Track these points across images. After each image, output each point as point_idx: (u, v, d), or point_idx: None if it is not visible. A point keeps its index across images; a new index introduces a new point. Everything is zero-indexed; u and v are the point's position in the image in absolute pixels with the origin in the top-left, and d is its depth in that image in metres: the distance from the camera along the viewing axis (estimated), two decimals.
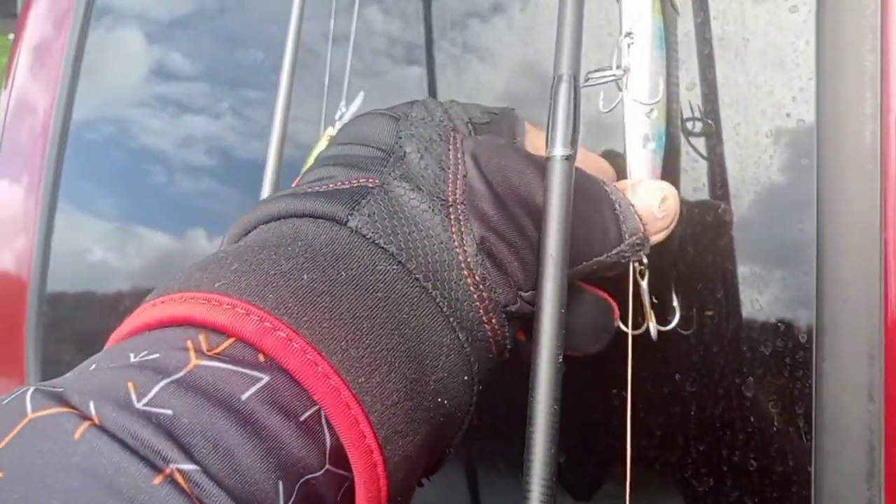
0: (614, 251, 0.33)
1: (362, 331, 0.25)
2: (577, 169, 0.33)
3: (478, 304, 0.29)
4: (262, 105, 0.91)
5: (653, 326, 0.38)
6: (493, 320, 0.29)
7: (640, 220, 0.33)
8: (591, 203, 0.32)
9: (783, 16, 0.38)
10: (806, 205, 0.35)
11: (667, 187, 0.35)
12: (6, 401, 0.22)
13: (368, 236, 0.28)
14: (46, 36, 1.03)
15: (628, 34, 0.37)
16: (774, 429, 0.36)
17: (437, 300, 0.28)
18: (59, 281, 1.04)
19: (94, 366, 0.24)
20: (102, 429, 0.20)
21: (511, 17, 0.53)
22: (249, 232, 0.30)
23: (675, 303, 0.39)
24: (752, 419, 0.37)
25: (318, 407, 0.24)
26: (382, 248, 0.28)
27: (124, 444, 0.20)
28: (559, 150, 0.28)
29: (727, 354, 0.39)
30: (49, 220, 1.00)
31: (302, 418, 0.23)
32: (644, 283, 0.37)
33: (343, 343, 0.25)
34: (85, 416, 0.21)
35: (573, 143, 0.28)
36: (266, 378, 0.23)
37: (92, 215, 1.08)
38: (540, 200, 0.30)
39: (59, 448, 0.20)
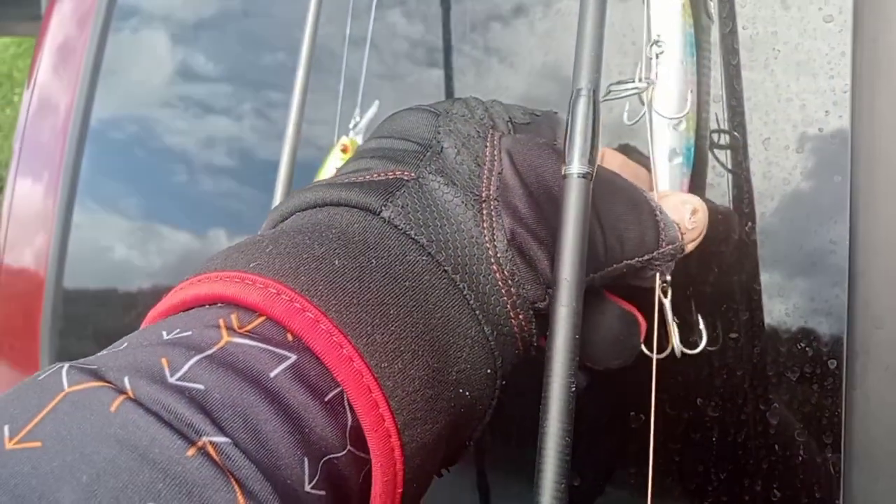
0: (646, 256, 0.32)
1: (388, 317, 0.26)
2: (617, 174, 0.34)
3: (505, 298, 0.29)
4: (285, 107, 0.91)
5: (677, 346, 0.36)
6: (521, 316, 0.29)
7: (680, 230, 0.33)
8: (631, 206, 0.32)
9: (817, 25, 0.36)
10: (838, 225, 0.33)
11: (696, 200, 0.34)
12: (41, 377, 0.22)
13: (400, 227, 0.28)
14: (70, 35, 1.04)
15: (655, 42, 0.36)
16: (800, 459, 0.35)
17: (465, 292, 0.28)
18: (79, 278, 1.05)
19: (126, 344, 0.25)
20: (137, 402, 0.21)
21: (532, 20, 0.52)
22: (287, 218, 0.31)
23: (702, 325, 0.37)
24: (776, 448, 0.36)
25: (342, 388, 0.25)
26: (413, 238, 0.28)
27: (159, 417, 0.21)
28: (576, 168, 0.27)
29: (751, 379, 0.37)
30: (66, 218, 1.01)
31: (327, 398, 0.24)
32: (667, 301, 0.36)
33: (369, 328, 0.25)
34: (120, 391, 0.21)
35: (591, 161, 0.27)
36: (294, 357, 0.24)
37: (115, 213, 1.09)
38: None
39: (96, 420, 0.20)
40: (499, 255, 0.29)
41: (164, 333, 0.24)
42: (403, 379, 0.25)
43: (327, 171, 0.47)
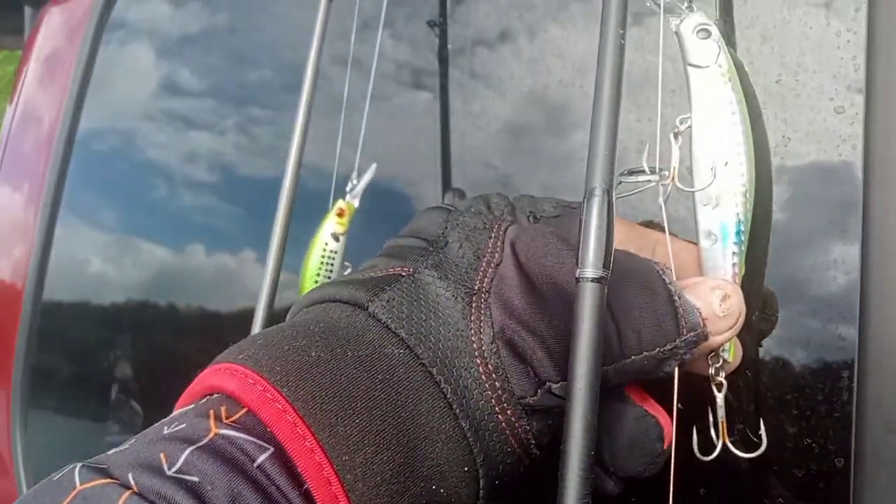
0: (668, 346, 0.30)
1: (355, 410, 0.26)
2: (629, 253, 0.32)
3: (489, 393, 0.28)
4: (268, 123, 0.91)
5: (732, 449, 0.33)
6: (508, 411, 0.29)
7: (701, 315, 0.31)
8: (646, 291, 0.30)
9: (828, 116, 0.35)
10: (849, 330, 0.33)
11: (727, 286, 0.32)
12: (57, 477, 0.25)
13: (383, 320, 0.29)
14: (59, 47, 1.03)
15: (682, 120, 0.33)
16: None
17: (442, 386, 0.28)
18: (55, 290, 1.04)
19: (133, 441, 0.27)
20: (141, 495, 0.23)
21: (518, 47, 0.52)
22: (297, 314, 0.33)
23: (762, 430, 0.34)
24: None
25: None
26: (393, 332, 0.29)
27: None
28: (590, 272, 0.26)
29: (757, 473, 0.36)
30: (49, 230, 1.00)
31: (304, 487, 0.25)
32: (720, 398, 0.33)
33: (333, 419, 0.26)
34: (126, 486, 0.23)
35: (605, 264, 0.26)
36: (272, 449, 0.25)
37: (93, 226, 1.08)
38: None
39: None
40: (483, 348, 0.29)
41: (165, 429, 0.26)
42: (365, 472, 0.26)
43: (323, 234, 0.48)
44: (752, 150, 0.33)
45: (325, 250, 0.48)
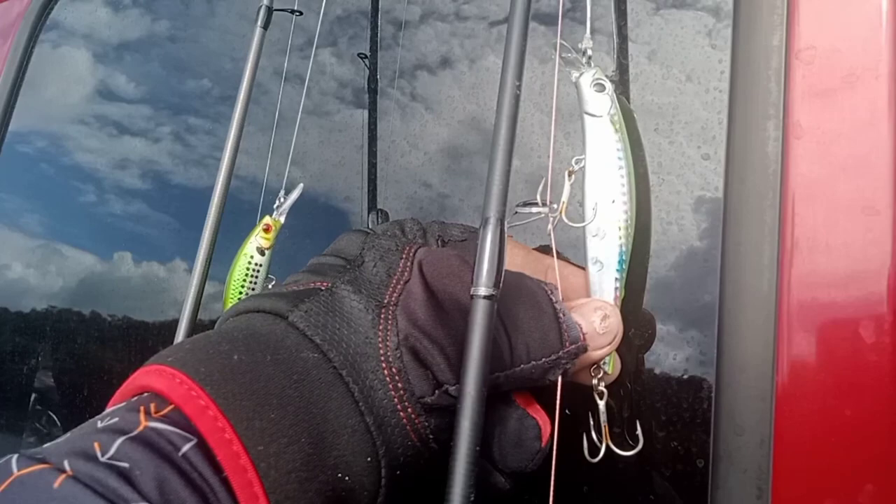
0: (552, 357, 0.34)
1: (270, 406, 0.29)
2: (522, 275, 0.36)
3: (392, 392, 0.32)
4: (204, 133, 0.92)
5: (615, 448, 0.37)
6: (409, 409, 0.32)
7: (582, 331, 0.35)
8: (534, 308, 0.34)
9: (696, 161, 0.40)
10: (709, 346, 0.37)
11: (608, 306, 0.36)
12: None
13: (300, 328, 0.32)
14: None
15: (577, 160, 0.38)
16: None
17: (350, 386, 0.31)
18: None
19: (69, 434, 0.29)
20: (76, 479, 0.25)
21: (458, 73, 0.56)
22: (225, 322, 0.36)
23: (639, 431, 0.38)
24: None
25: None
26: (309, 338, 0.32)
27: (94, 490, 0.25)
28: (482, 291, 0.29)
29: (631, 472, 0.39)
30: None
31: (223, 474, 0.28)
32: (602, 405, 0.38)
33: (250, 413, 0.29)
34: (62, 470, 0.26)
35: (496, 283, 0.30)
36: (195, 440, 0.28)
37: (15, 230, 1.05)
38: None
39: (43, 495, 0.25)
40: (389, 353, 0.32)
41: (99, 423, 0.29)
42: (278, 461, 0.28)
43: (249, 248, 0.50)
44: (635, 190, 0.38)
45: (250, 263, 0.50)
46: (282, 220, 0.51)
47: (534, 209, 0.36)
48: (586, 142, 0.38)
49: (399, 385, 0.32)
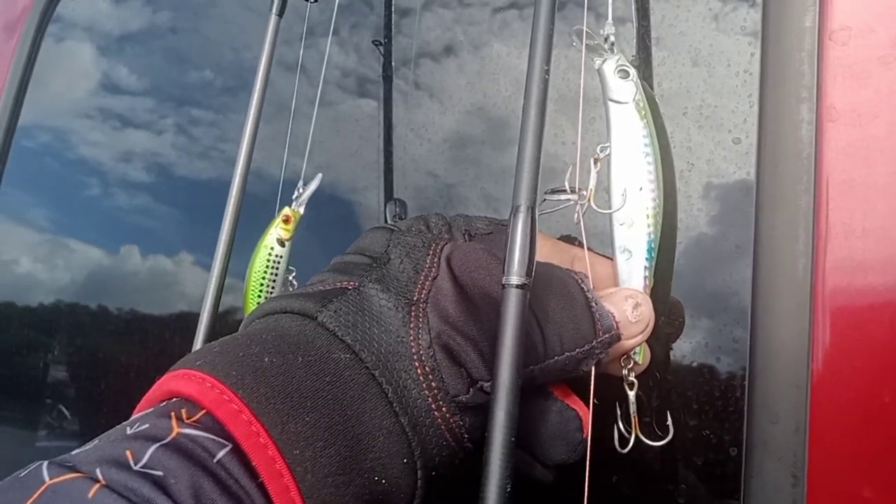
0: (586, 346, 0.34)
1: (305, 408, 0.29)
2: (552, 265, 0.36)
3: (426, 392, 0.31)
4: (208, 125, 0.91)
5: (644, 439, 0.37)
6: (444, 408, 0.31)
7: (615, 320, 0.35)
8: (566, 299, 0.34)
9: (727, 145, 0.39)
10: (742, 333, 0.36)
11: (639, 295, 0.36)
12: (23, 473, 0.26)
13: (330, 328, 0.32)
14: None
15: (602, 148, 0.37)
16: None
17: (384, 386, 0.31)
18: None
19: (96, 441, 0.28)
20: (110, 488, 0.25)
21: (462, 60, 0.55)
22: (249, 325, 0.35)
23: (669, 422, 0.38)
24: None
25: None
26: (340, 339, 0.31)
27: (129, 500, 0.24)
28: (514, 280, 0.29)
29: (663, 461, 0.39)
30: None
31: (260, 479, 0.27)
32: (632, 395, 0.37)
33: (284, 417, 0.28)
34: (95, 479, 0.25)
35: (528, 272, 0.29)
36: (230, 445, 0.27)
37: (23, 225, 1.05)
38: None
39: None
40: (421, 352, 0.31)
41: (128, 429, 0.28)
42: (314, 465, 0.28)
43: (269, 239, 0.50)
44: (662, 178, 0.37)
45: (270, 255, 0.50)
46: (301, 210, 0.50)
47: (562, 196, 0.36)
48: (611, 129, 0.38)
49: (433, 384, 0.31)
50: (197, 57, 0.93)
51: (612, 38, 0.38)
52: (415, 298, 0.33)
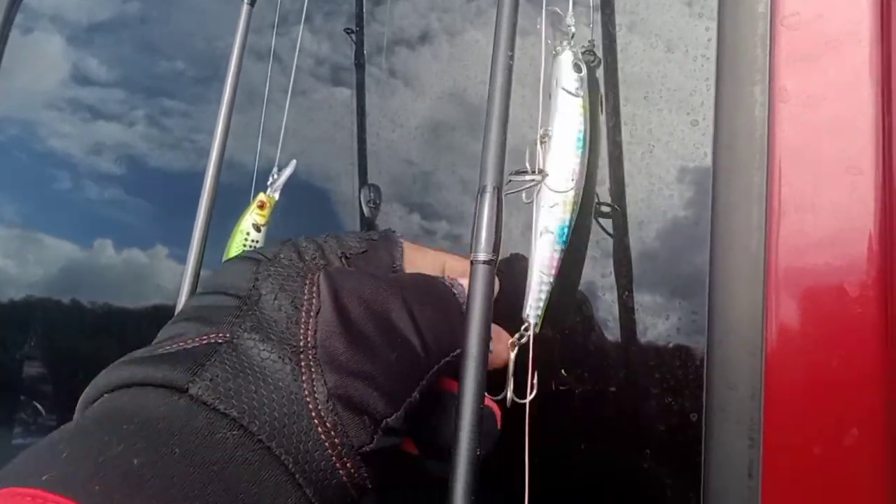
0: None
1: None
2: (428, 277, 0.36)
3: (330, 451, 0.28)
4: (180, 115, 0.91)
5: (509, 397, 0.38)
6: (349, 464, 0.29)
7: None
8: (441, 305, 0.34)
9: (685, 128, 0.41)
10: (700, 306, 0.38)
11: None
12: None
13: (209, 402, 0.27)
14: None
15: (545, 135, 0.39)
16: (667, 497, 0.40)
17: (283, 458, 0.27)
18: None
19: None
20: None
21: (437, 47, 0.56)
22: (97, 399, 0.29)
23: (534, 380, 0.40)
24: (647, 488, 0.40)
25: None
26: (223, 413, 0.27)
27: None
28: (482, 256, 0.30)
29: (628, 428, 0.41)
30: None
31: None
32: (512, 355, 0.39)
33: None
34: None
35: (495, 248, 0.30)
36: None
37: None
38: (394, 315, 0.32)
39: None
40: (319, 407, 0.28)
41: None
42: None
43: (245, 224, 0.50)
44: (585, 172, 0.40)
45: (246, 240, 0.50)
46: (276, 196, 0.51)
47: (526, 177, 0.37)
48: (556, 114, 0.40)
49: (336, 441, 0.28)
50: (168, 46, 0.93)
51: (572, 30, 0.40)
52: (301, 344, 0.29)
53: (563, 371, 0.40)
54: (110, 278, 0.93)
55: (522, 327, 0.39)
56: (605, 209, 0.42)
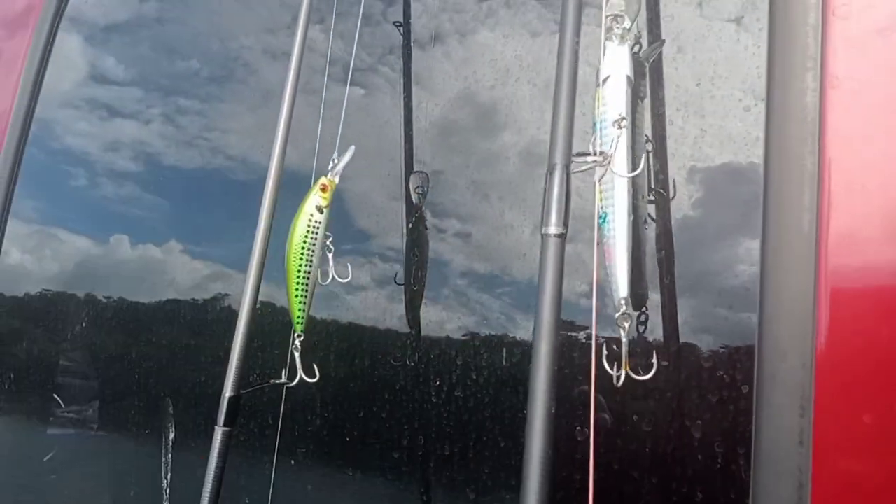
0: None
1: None
2: None
3: None
4: (195, 114, 0.92)
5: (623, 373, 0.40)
6: None
7: None
8: None
9: (738, 113, 0.43)
10: (752, 279, 0.40)
11: None
12: None
13: None
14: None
15: (621, 119, 0.40)
16: (718, 466, 0.42)
17: None
18: None
19: None
20: None
21: (449, 48, 0.57)
22: None
23: (654, 359, 0.42)
24: (699, 457, 0.42)
25: None
26: None
27: None
28: (553, 230, 0.33)
29: (680, 400, 0.43)
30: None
31: None
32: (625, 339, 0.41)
33: None
34: None
35: (566, 223, 0.33)
36: None
37: (10, 216, 1.03)
38: None
39: None
40: None
41: None
42: None
43: (308, 206, 0.52)
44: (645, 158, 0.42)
45: (310, 221, 0.52)
46: (336, 180, 0.53)
47: (588, 158, 0.39)
48: (627, 103, 0.41)
49: None
50: (184, 46, 0.94)
51: (629, 24, 0.42)
52: None
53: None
54: (125, 273, 0.94)
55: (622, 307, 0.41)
56: (661, 192, 0.44)
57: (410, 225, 0.56)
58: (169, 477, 0.75)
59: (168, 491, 0.76)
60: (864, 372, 0.36)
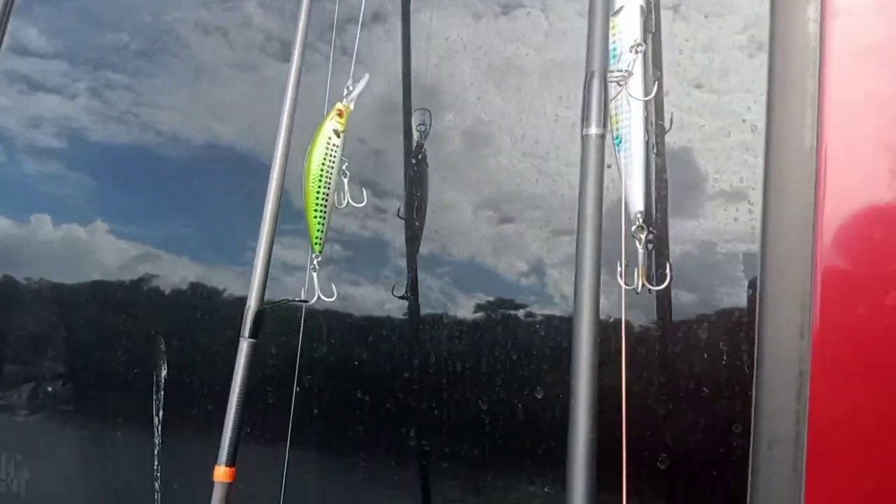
0: None
1: None
2: None
3: None
4: (124, 88, 0.88)
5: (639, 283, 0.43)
6: None
7: None
8: None
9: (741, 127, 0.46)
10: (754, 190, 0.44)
11: None
12: None
13: None
14: None
15: (637, 45, 0.45)
16: (724, 362, 0.44)
17: None
18: None
19: None
20: None
21: (390, 26, 0.59)
22: None
23: (668, 269, 0.46)
24: (704, 356, 0.45)
25: None
26: None
27: None
28: (594, 130, 0.36)
29: (688, 302, 0.46)
30: None
31: None
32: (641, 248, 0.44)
33: None
34: None
35: (605, 124, 0.36)
36: None
37: None
38: None
39: None
40: None
41: None
42: None
43: (326, 129, 0.53)
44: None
45: (328, 143, 0.54)
46: (351, 106, 0.54)
47: (616, 73, 0.43)
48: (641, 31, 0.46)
49: None
50: (113, 18, 0.90)
51: None
52: None
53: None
54: (47, 254, 0.88)
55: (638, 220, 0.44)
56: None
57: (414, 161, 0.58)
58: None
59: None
60: (859, 339, 0.39)
